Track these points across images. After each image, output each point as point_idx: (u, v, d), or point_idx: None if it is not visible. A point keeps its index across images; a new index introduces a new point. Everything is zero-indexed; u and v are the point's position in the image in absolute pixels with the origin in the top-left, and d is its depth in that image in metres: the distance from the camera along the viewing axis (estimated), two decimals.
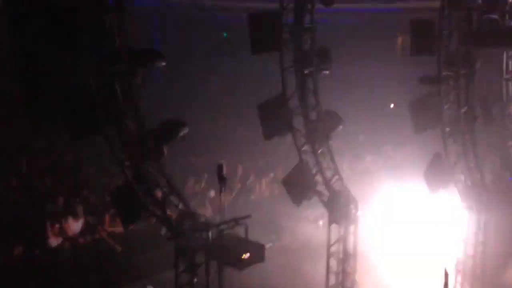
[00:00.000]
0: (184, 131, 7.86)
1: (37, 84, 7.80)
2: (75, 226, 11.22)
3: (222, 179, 7.74)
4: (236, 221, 7.66)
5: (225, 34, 27.55)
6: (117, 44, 7.11)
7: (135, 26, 7.95)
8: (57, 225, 10.84)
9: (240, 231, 7.63)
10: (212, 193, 13.60)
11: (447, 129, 10.27)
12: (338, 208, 9.73)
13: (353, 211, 9.74)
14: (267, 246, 8.15)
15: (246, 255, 7.34)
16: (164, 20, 25.19)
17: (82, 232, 11.36)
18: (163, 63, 7.55)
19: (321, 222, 13.75)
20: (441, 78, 9.99)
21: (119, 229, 11.48)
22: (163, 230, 10.69)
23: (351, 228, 9.78)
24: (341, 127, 9.64)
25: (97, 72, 7.07)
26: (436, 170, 10.44)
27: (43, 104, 7.82)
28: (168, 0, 23.95)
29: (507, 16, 11.11)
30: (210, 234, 7.66)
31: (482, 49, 10.32)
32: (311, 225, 13.93)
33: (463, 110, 10.26)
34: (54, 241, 10.73)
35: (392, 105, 23.60)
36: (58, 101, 7.10)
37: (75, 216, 11.27)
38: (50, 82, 7.93)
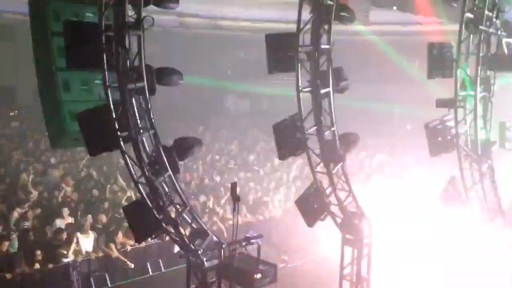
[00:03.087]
0: (199, 148, 7.91)
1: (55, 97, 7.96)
2: (85, 241, 11.27)
3: (235, 198, 7.72)
4: (248, 240, 7.62)
5: (241, 54, 27.86)
6: (136, 62, 7.21)
7: (154, 44, 8.07)
8: (70, 240, 10.91)
9: (252, 250, 7.59)
10: (222, 211, 13.61)
11: (464, 153, 10.18)
12: (352, 229, 9.63)
13: (367, 233, 9.63)
14: (280, 266, 8.09)
15: (258, 275, 7.28)
16: (183, 38, 25.54)
17: (94, 248, 11.41)
18: (180, 81, 7.64)
19: (334, 244, 13.62)
20: (458, 101, 9.94)
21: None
22: (176, 248, 10.73)
23: (365, 250, 9.66)
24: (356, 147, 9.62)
25: (115, 88, 7.17)
26: (452, 194, 10.32)
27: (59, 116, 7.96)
28: (187, 20, 24.29)
29: None
30: (222, 253, 7.63)
31: (500, 72, 10.26)
32: (324, 246, 13.79)
33: (480, 134, 10.16)
34: (67, 256, 10.78)
35: (408, 127, 23.55)
36: (77, 116, 7.20)
37: (83, 231, 11.34)
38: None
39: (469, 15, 9.62)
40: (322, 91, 9.18)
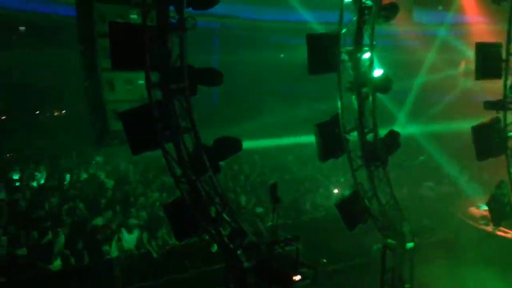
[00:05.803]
0: (239, 149, 7.92)
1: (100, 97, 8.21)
2: (129, 238, 11.51)
3: (275, 199, 7.69)
4: (288, 241, 7.57)
5: (282, 55, 27.79)
6: (178, 63, 7.30)
7: (196, 45, 8.15)
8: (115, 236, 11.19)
9: (291, 251, 7.54)
10: (262, 211, 13.62)
11: None
12: (393, 234, 9.43)
13: (410, 238, 9.40)
14: (318, 269, 8.02)
15: (297, 277, 7.22)
16: (224, 40, 25.76)
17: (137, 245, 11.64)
18: (221, 82, 7.67)
19: (375, 247, 13.39)
20: (507, 103, 9.58)
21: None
22: (215, 247, 10.80)
23: (407, 255, 9.43)
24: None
25: (157, 88, 7.28)
26: (500, 200, 9.96)
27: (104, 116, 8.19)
28: (228, 21, 24.48)
29: None
30: (261, 253, 7.61)
31: None
32: (364, 249, 13.57)
33: None
34: (110, 253, 11.04)
35: None
36: (121, 116, 7.35)
37: (129, 230, 11.58)
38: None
39: None
40: (364, 91, 9.04)
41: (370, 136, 9.22)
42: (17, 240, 10.54)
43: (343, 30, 8.93)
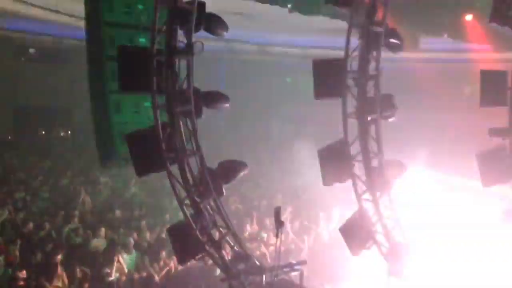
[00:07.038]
0: (244, 172, 7.93)
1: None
2: (128, 260, 11.41)
3: (279, 223, 7.65)
4: (291, 266, 7.51)
5: (289, 79, 28.02)
6: (185, 86, 7.37)
7: (203, 69, 8.25)
8: (115, 257, 11.09)
9: (295, 277, 7.46)
10: (266, 236, 13.51)
11: None
12: (399, 260, 9.32)
13: (415, 264, 9.29)
14: None
15: None
16: (231, 64, 26.04)
17: (138, 267, 11.53)
18: (227, 105, 7.73)
19: (379, 274, 13.21)
20: None
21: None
22: (217, 271, 10.70)
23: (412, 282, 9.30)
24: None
25: (163, 111, 7.34)
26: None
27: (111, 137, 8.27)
28: (235, 45, 24.81)
29: None
30: (264, 278, 7.54)
31: None
32: (369, 276, 13.39)
33: None
34: (112, 275, 10.94)
35: None
36: (126, 137, 7.40)
37: (127, 250, 11.50)
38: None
39: None
40: (369, 117, 9.07)
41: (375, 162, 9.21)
42: (18, 261, 10.48)
43: (350, 56, 9.00)
